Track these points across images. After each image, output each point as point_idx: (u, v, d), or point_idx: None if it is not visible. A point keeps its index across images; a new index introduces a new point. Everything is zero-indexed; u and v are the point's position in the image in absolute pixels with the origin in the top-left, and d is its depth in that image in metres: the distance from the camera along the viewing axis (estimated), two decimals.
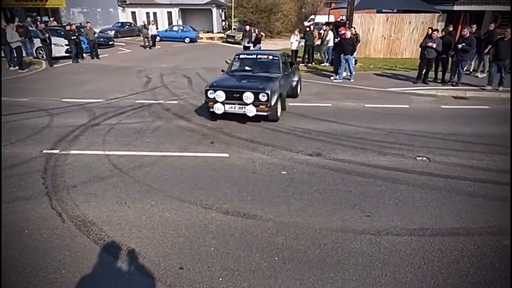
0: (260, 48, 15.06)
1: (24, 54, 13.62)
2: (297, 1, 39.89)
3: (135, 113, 7.61)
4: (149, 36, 20.67)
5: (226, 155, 5.36)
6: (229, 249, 3.23)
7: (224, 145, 5.78)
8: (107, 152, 5.40)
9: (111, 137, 6.06)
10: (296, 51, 15.15)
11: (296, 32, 15.41)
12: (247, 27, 15.71)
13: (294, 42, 14.81)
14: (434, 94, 9.59)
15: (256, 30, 15.78)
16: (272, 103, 6.53)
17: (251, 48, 15.12)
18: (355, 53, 11.50)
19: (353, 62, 11.53)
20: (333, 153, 5.45)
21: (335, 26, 14.97)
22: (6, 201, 3.98)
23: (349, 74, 11.50)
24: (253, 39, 15.30)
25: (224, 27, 34.85)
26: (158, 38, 22.94)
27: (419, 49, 10.81)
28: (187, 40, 25.46)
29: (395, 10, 19.36)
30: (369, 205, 3.98)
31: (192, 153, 5.43)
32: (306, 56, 15.11)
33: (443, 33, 10.68)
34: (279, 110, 7.08)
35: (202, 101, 8.68)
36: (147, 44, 20.85)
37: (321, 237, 3.41)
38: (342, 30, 11.96)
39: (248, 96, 6.40)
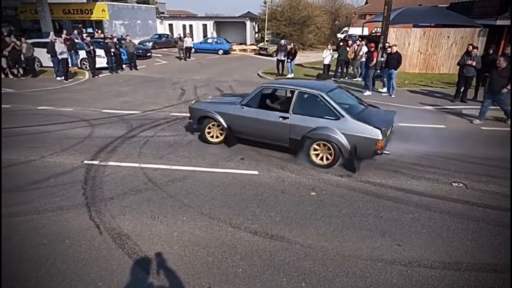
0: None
1: (69, 65, 14.54)
2: (331, 13, 39.88)
3: (169, 126, 7.90)
4: (184, 48, 21.41)
5: (256, 172, 5.43)
6: (256, 272, 3.26)
7: (254, 162, 5.86)
8: (142, 165, 5.64)
9: (147, 150, 6.32)
10: (329, 65, 15.12)
11: (329, 46, 15.41)
12: (282, 41, 15.86)
13: (327, 56, 14.81)
14: (473, 114, 9.20)
15: (292, 44, 15.86)
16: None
17: (286, 61, 15.24)
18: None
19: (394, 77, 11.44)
20: (364, 174, 5.37)
21: (368, 40, 14.81)
22: (51, 210, 4.26)
23: (391, 89, 11.40)
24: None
25: (257, 39, 35.38)
26: (192, 49, 23.68)
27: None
28: (220, 52, 26.09)
29: (432, 24, 18.87)
30: (400, 233, 3.88)
31: (222, 169, 5.55)
32: (339, 70, 15.03)
33: (489, 51, 10.31)
34: None
35: None
36: (182, 55, 21.58)
37: (349, 265, 3.36)
38: (372, 47, 11.89)
39: None
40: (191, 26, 34.70)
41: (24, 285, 3.06)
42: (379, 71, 12.72)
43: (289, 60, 15.15)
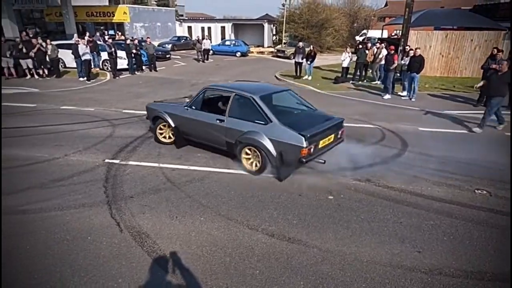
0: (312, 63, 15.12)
1: (92, 66, 14.93)
2: (349, 16, 39.55)
3: None
4: (202, 50, 21.65)
5: (272, 175, 5.43)
6: (273, 274, 3.26)
7: None
8: (161, 165, 5.74)
9: (165, 150, 6.42)
10: (347, 68, 14.99)
11: (348, 49, 15.29)
12: (300, 44, 15.84)
13: (346, 59, 14.68)
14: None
15: (311, 46, 15.83)
16: None
17: (305, 64, 15.21)
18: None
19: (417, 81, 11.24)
20: (383, 179, 5.29)
21: (388, 43, 14.61)
22: (73, 207, 4.39)
23: (412, 93, 11.24)
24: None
25: (275, 41, 35.42)
26: (211, 51, 23.91)
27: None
28: (238, 54, 26.26)
29: (455, 27, 18.44)
30: (420, 239, 3.80)
31: (239, 170, 5.57)
32: (358, 73, 14.88)
33: None
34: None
35: None
36: (200, 57, 21.83)
37: (368, 270, 3.32)
38: (392, 49, 11.73)
39: None
40: (209, 28, 35.06)
41: (48, 280, 3.15)
42: (398, 74, 12.53)
43: (308, 62, 15.11)
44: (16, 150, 6.30)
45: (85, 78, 14.10)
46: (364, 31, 39.23)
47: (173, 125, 6.28)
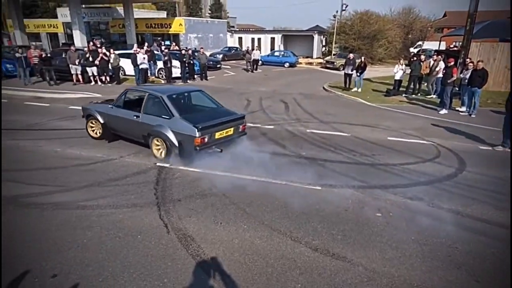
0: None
1: (148, 74, 15.87)
2: (404, 27, 38.09)
3: None
4: (251, 60, 22.09)
5: (318, 188, 5.33)
6: None
7: (317, 176, 5.76)
8: (208, 171, 5.89)
9: (214, 158, 6.57)
10: (400, 81, 14.40)
11: (401, 61, 14.71)
12: (351, 55, 15.56)
13: (399, 71, 14.13)
14: None
15: (362, 58, 15.49)
16: None
17: (355, 75, 14.91)
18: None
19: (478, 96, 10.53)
20: (438, 199, 4.96)
21: (447, 55, 13.82)
22: (126, 206, 4.66)
23: (472, 108, 10.53)
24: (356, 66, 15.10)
25: (324, 52, 35.12)
26: (260, 62, 24.31)
27: None
28: (286, 64, 26.37)
29: None
30: (479, 268, 3.50)
31: (284, 181, 5.54)
32: (411, 86, 14.22)
33: None
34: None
35: (297, 128, 8.87)
36: (249, 68, 22.28)
37: None
38: (451, 62, 11.06)
39: None
40: (259, 39, 35.72)
41: (101, 273, 3.36)
42: (457, 89, 11.77)
43: (358, 74, 14.77)
44: (78, 151, 6.85)
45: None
46: (420, 42, 37.44)
47: (101, 121, 7.22)
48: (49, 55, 15.39)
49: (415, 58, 15.13)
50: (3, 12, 30.42)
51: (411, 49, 35.17)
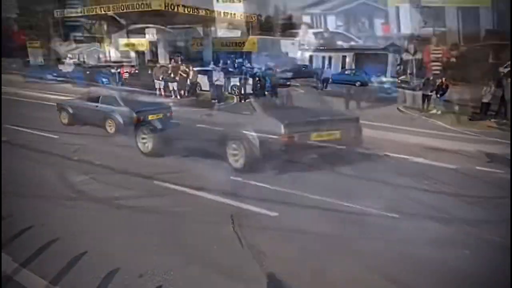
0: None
1: (223, 90, 16.77)
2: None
3: None
4: (322, 78, 22.01)
5: (396, 215, 5.05)
6: None
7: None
8: (275, 187, 5.96)
9: (282, 178, 6.66)
10: (488, 104, 13.10)
11: (490, 82, 13.40)
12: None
13: (487, 94, 12.89)
14: None
15: (443, 78, 14.51)
16: None
17: (434, 96, 13.99)
18: None
19: None
20: None
21: None
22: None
23: None
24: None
25: (399, 71, 33.47)
26: (330, 80, 24.08)
27: None
28: (357, 83, 25.70)
29: None
30: None
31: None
32: (502, 110, 12.84)
33: None
34: None
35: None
36: (319, 86, 22.20)
37: None
38: None
39: None
40: (330, 57, 35.45)
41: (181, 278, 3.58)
42: None
43: (438, 96, 13.80)
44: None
45: (217, 101, 15.86)
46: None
47: (71, 111, 10.35)
48: (137, 71, 17.21)
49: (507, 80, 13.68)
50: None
51: (501, 69, 31.80)
